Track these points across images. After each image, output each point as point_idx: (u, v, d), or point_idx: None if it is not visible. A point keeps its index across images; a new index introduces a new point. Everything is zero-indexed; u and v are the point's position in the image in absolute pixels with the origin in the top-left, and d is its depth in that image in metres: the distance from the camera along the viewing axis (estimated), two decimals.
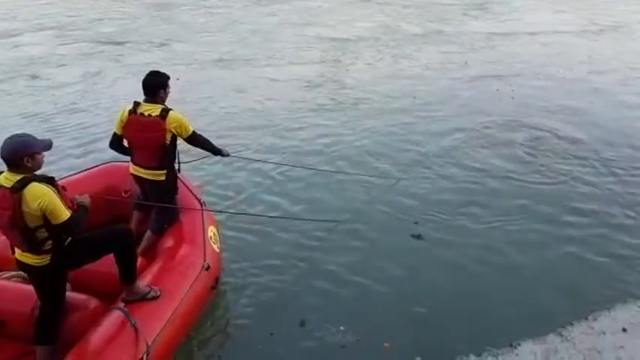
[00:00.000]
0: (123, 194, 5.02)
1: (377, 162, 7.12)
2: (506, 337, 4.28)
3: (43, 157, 3.46)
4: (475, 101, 9.24)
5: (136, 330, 3.57)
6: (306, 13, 15.74)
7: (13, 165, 3.34)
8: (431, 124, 8.28)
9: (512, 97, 9.46)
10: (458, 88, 9.93)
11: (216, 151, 4.83)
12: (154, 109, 4.35)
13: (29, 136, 3.47)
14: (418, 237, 5.55)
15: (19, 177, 3.31)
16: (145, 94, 4.42)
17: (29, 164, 3.36)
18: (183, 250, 4.41)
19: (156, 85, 4.41)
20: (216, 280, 4.52)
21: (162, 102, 4.45)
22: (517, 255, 5.31)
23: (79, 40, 13.07)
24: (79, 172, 5.33)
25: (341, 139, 7.78)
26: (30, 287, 3.73)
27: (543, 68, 11.01)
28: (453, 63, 11.40)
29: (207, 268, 4.34)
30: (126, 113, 4.40)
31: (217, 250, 4.69)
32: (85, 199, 3.66)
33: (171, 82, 4.45)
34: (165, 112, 4.36)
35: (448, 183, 6.65)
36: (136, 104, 4.39)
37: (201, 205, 4.93)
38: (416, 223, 5.76)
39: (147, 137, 4.38)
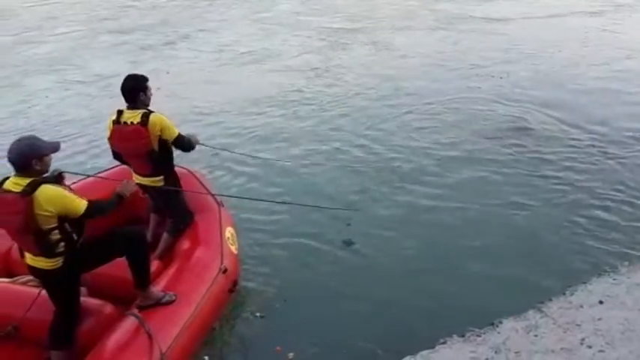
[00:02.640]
0: (141, 195, 4.95)
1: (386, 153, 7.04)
2: (488, 317, 4.37)
3: (51, 159, 3.41)
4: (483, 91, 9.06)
5: (150, 337, 3.48)
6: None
7: (22, 168, 3.29)
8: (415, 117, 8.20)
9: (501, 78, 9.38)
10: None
11: (191, 148, 4.55)
12: (136, 116, 4.14)
13: (37, 138, 3.43)
14: (349, 243, 5.36)
15: (27, 180, 3.26)
16: (126, 100, 4.21)
17: (38, 167, 3.32)
18: (200, 252, 4.31)
19: (134, 89, 4.18)
20: (234, 283, 4.40)
21: (145, 106, 4.23)
22: (491, 235, 5.40)
23: (101, 32, 13.03)
24: (96, 173, 5.28)
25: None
26: (45, 292, 3.67)
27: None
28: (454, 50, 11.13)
29: (225, 271, 4.23)
30: (110, 123, 4.23)
31: (235, 252, 4.58)
32: (126, 186, 3.70)
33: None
34: (146, 117, 4.13)
35: (428, 163, 6.75)
36: (119, 113, 4.20)
37: (218, 205, 4.83)
38: (348, 224, 5.59)
39: (132, 146, 4.21)
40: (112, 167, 5.18)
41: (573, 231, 5.43)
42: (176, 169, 4.67)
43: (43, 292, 3.69)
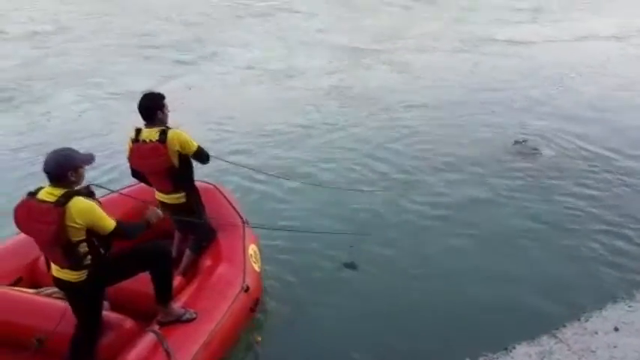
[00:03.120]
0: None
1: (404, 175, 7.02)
2: (501, 341, 4.34)
3: (85, 171, 3.47)
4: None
5: (169, 355, 3.47)
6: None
7: (57, 179, 3.34)
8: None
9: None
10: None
11: (208, 159, 4.51)
12: (154, 134, 4.16)
13: (72, 150, 3.48)
14: (351, 266, 5.28)
15: (62, 191, 3.30)
16: (143, 118, 4.23)
17: (73, 178, 3.37)
18: (222, 269, 4.29)
19: (151, 107, 4.20)
20: (256, 302, 4.37)
21: (163, 123, 4.24)
22: (504, 259, 5.37)
23: (143, 47, 13.15)
24: (125, 187, 5.32)
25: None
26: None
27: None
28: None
29: (247, 290, 4.20)
30: (130, 142, 4.26)
31: (258, 270, 4.55)
32: (154, 214, 3.71)
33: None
34: (164, 134, 4.14)
35: (439, 185, 6.73)
36: (138, 131, 4.22)
37: (242, 221, 4.82)
38: (351, 246, 5.47)
39: (151, 164, 4.22)
40: (135, 184, 5.24)
41: (587, 257, 5.38)
42: (200, 183, 4.70)
43: (68, 304, 3.71)
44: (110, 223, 3.38)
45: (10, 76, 10.87)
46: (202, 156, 4.39)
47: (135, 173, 4.47)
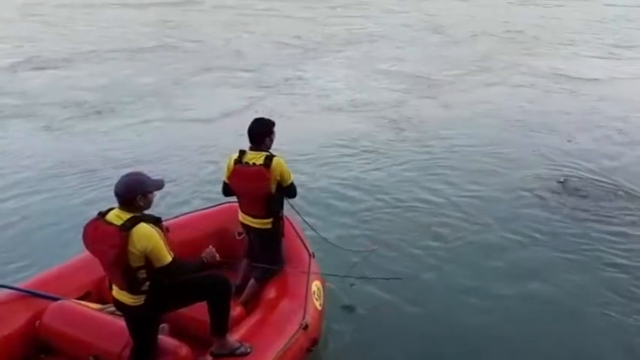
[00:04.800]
0: (236, 236, 4.95)
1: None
2: None
3: (154, 197, 3.49)
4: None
5: None
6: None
7: (126, 202, 3.38)
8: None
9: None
10: None
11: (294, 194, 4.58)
12: (259, 158, 4.26)
13: (143, 174, 3.53)
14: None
15: (129, 215, 3.34)
16: (251, 142, 4.34)
17: (141, 203, 3.40)
18: (283, 304, 4.18)
19: (262, 132, 4.33)
20: (314, 342, 4.19)
21: (267, 149, 4.35)
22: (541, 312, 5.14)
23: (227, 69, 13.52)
24: (197, 210, 5.39)
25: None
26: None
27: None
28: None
29: (306, 327, 4.05)
30: (232, 162, 4.35)
31: (319, 308, 4.39)
32: (210, 254, 3.70)
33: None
34: (269, 159, 4.25)
35: (474, 219, 6.61)
36: (242, 153, 4.32)
37: (309, 255, 4.71)
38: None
39: (252, 187, 4.30)
40: (219, 204, 5.29)
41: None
42: None
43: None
44: (166, 257, 3.35)
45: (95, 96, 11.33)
46: (293, 191, 4.48)
47: (228, 192, 4.54)
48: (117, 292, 3.52)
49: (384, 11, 20.28)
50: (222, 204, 5.25)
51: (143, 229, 3.29)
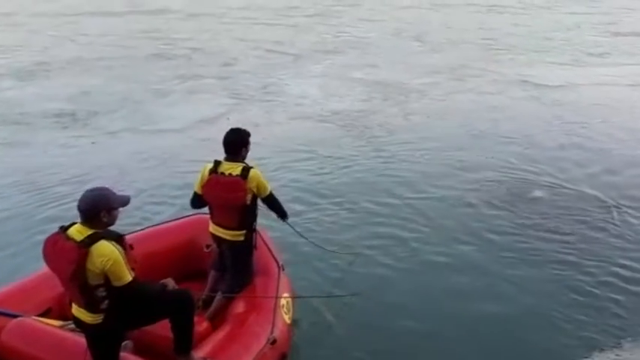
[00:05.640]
0: (204, 249, 4.85)
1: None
2: None
3: (118, 213, 3.40)
4: None
5: None
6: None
7: (89, 218, 3.28)
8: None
9: None
10: None
11: (284, 215, 4.69)
12: (235, 168, 4.21)
13: (109, 190, 3.44)
14: None
15: (90, 232, 3.24)
16: (227, 152, 4.29)
17: (105, 219, 3.30)
18: (250, 318, 4.11)
19: (238, 143, 4.29)
20: (283, 356, 4.13)
21: (243, 159, 4.30)
22: (497, 306, 5.28)
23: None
24: (164, 222, 5.29)
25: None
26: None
27: None
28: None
29: (274, 342, 3.97)
30: (206, 172, 4.28)
31: (288, 322, 4.32)
32: (170, 284, 3.60)
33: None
34: (246, 170, 4.22)
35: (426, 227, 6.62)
36: (217, 163, 4.26)
37: (278, 268, 4.64)
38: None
39: (227, 197, 4.23)
40: (187, 216, 5.19)
41: (577, 304, 5.30)
42: None
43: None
44: (126, 276, 3.24)
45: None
46: (274, 202, 4.48)
47: (198, 203, 4.45)
48: (76, 310, 3.41)
49: (360, 20, 20.25)
50: (190, 215, 5.16)
51: (103, 246, 3.19)
